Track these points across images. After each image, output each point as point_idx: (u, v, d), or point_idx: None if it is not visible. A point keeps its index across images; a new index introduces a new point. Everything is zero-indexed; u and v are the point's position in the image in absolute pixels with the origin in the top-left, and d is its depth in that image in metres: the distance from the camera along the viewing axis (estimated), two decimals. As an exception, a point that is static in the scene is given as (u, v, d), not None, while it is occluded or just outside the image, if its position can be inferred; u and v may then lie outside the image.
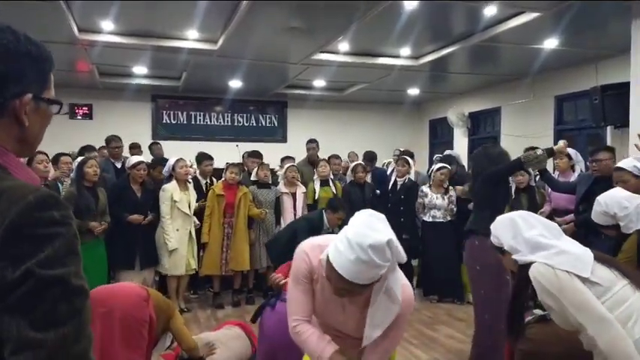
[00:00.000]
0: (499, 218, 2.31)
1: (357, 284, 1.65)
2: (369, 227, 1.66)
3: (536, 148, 3.83)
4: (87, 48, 6.49)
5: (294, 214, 5.74)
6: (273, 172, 6.87)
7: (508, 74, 8.08)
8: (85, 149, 5.90)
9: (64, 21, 5.36)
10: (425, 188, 5.73)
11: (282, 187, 5.84)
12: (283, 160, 6.77)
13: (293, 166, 5.97)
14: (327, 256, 1.70)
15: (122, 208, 4.90)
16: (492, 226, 2.32)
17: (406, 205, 5.79)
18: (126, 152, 7.22)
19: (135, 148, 7.26)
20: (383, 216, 1.76)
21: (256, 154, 6.37)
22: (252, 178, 5.79)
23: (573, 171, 5.04)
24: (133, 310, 2.80)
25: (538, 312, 2.52)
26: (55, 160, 5.02)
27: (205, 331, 3.99)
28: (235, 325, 3.75)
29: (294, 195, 5.80)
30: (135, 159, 5.20)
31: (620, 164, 3.48)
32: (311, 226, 4.73)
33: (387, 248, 1.63)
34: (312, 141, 6.89)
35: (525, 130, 8.00)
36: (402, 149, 7.64)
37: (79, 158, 4.92)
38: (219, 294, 5.55)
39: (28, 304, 0.82)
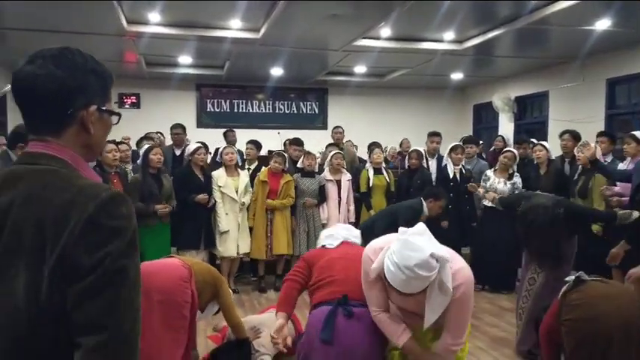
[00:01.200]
0: None
1: (414, 293, 1.98)
2: (410, 249, 1.92)
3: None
4: (134, 39, 6.68)
5: (339, 202, 5.78)
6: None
7: (557, 57, 7.81)
8: (145, 138, 6.14)
9: (113, 14, 5.54)
10: (489, 172, 5.54)
11: (326, 174, 5.85)
12: (328, 146, 6.77)
13: (339, 152, 5.95)
14: (385, 275, 2.01)
15: (188, 192, 5.10)
16: None
17: (470, 193, 5.63)
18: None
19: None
20: (420, 228, 2.02)
21: (297, 142, 6.42)
22: (299, 165, 5.84)
23: None
24: (173, 293, 2.79)
25: (570, 278, 2.44)
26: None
27: (250, 314, 4.11)
28: (279, 309, 3.82)
29: (338, 182, 5.82)
30: (194, 145, 5.40)
31: None
32: (413, 214, 4.55)
33: (431, 259, 1.89)
34: (337, 127, 6.90)
35: (575, 115, 7.73)
36: (465, 136, 7.41)
37: (145, 146, 5.16)
38: (264, 277, 5.69)
39: (97, 290, 0.95)
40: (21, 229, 0.97)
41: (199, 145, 5.45)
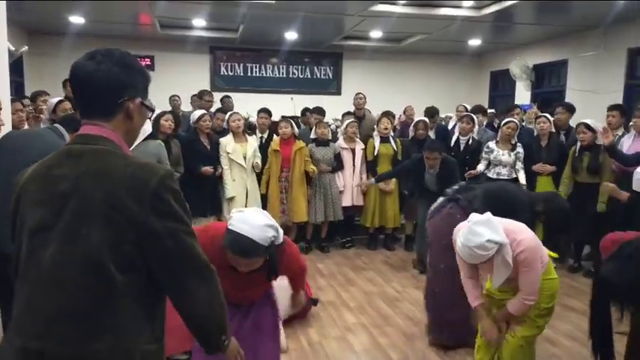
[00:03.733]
0: None
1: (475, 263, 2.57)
2: (472, 233, 2.47)
3: None
4: (150, 1, 6.63)
5: (353, 170, 5.84)
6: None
7: (577, 25, 7.62)
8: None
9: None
10: (491, 144, 5.52)
11: (341, 142, 5.88)
12: (344, 115, 6.75)
13: (354, 122, 5.97)
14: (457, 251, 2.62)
15: (194, 160, 5.13)
16: None
17: (472, 166, 5.61)
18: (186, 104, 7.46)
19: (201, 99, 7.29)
20: (487, 217, 2.49)
21: (319, 111, 6.40)
22: (312, 135, 5.86)
23: None
24: None
25: None
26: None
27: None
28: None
29: (353, 151, 5.86)
30: (198, 112, 5.38)
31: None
32: (412, 164, 5.13)
33: (487, 243, 2.42)
34: (358, 93, 6.84)
35: (594, 85, 7.61)
36: (466, 105, 7.36)
37: (157, 111, 5.12)
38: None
39: (175, 249, 1.26)
40: (91, 198, 1.20)
41: (204, 111, 5.43)
